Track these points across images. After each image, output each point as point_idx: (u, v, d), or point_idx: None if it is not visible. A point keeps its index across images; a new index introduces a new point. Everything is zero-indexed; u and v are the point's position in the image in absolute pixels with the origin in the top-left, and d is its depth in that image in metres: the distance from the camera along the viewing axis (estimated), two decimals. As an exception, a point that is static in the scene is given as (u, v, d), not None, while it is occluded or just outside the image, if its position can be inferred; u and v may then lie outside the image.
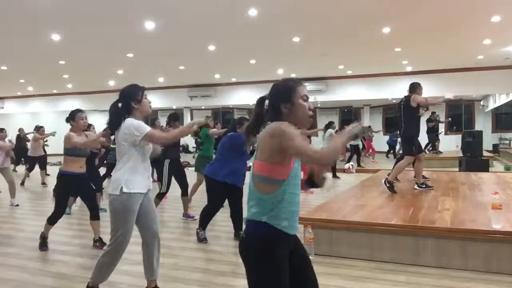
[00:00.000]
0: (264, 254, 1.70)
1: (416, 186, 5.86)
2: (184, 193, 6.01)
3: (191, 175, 6.95)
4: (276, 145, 1.63)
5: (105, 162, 9.51)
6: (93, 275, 2.95)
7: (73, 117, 4.36)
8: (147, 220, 3.00)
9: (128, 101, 2.90)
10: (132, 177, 2.83)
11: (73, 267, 3.91)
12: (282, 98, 1.75)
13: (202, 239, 4.62)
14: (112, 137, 3.64)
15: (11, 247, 4.68)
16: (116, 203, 2.82)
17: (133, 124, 2.81)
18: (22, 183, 10.03)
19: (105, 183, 10.13)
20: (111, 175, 2.98)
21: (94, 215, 4.50)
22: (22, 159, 13.15)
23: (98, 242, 4.53)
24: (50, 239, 4.57)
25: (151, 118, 8.78)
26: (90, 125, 6.13)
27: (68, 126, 4.42)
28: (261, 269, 1.70)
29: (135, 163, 2.85)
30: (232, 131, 4.85)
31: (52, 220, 4.44)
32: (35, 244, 4.52)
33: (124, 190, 2.79)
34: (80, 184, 4.44)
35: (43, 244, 4.47)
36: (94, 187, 5.05)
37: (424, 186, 5.78)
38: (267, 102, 1.81)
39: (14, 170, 12.73)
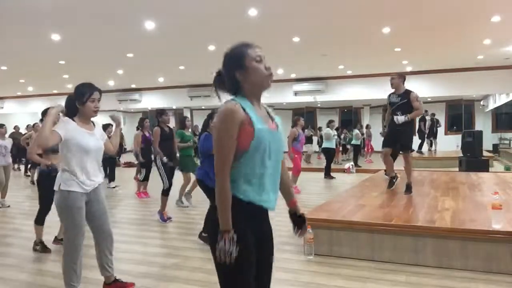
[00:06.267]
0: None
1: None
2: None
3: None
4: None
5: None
6: (64, 282, 2.96)
7: (45, 113, 4.41)
8: (98, 221, 3.03)
9: (74, 100, 2.92)
10: (70, 176, 2.84)
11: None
12: (235, 66, 1.68)
13: (202, 237, 4.56)
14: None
15: (11, 247, 4.68)
16: (57, 198, 2.87)
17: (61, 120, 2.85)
18: (33, 183, 10.01)
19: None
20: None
21: None
22: (17, 158, 13.23)
23: (62, 241, 4.55)
24: (49, 239, 4.55)
25: (140, 118, 8.86)
26: None
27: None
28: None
29: (71, 163, 2.84)
30: (203, 130, 4.66)
31: (38, 220, 4.41)
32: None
33: (62, 187, 2.83)
34: None
35: (43, 248, 4.42)
36: None
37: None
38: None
39: (17, 169, 12.80)
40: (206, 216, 4.66)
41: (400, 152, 5.65)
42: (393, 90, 5.48)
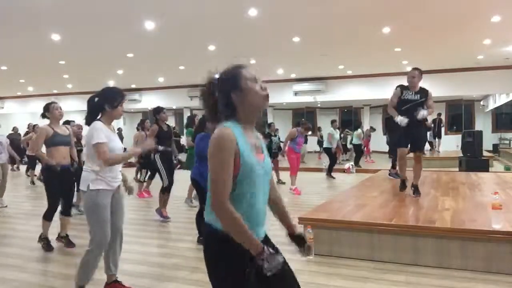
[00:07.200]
0: (223, 253, 1.59)
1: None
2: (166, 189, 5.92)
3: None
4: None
5: None
6: (77, 275, 2.99)
7: (48, 109, 4.46)
8: (115, 217, 3.09)
9: (103, 102, 2.99)
10: (97, 175, 2.93)
11: (73, 267, 3.89)
12: (230, 87, 1.62)
13: (201, 241, 4.57)
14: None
15: (11, 247, 4.68)
16: (85, 198, 2.96)
17: (94, 127, 2.92)
18: (33, 183, 10.03)
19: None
20: None
21: (66, 212, 4.56)
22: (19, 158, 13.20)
23: (64, 239, 4.55)
24: (49, 239, 4.55)
25: (141, 119, 8.81)
26: (69, 122, 6.22)
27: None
28: (220, 272, 1.61)
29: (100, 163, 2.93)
30: (200, 130, 4.55)
31: (48, 216, 4.43)
32: (36, 244, 4.52)
33: (91, 187, 2.91)
34: (64, 176, 4.40)
35: (47, 245, 4.44)
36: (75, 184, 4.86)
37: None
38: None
39: (15, 169, 12.75)
40: (197, 219, 4.62)
41: (413, 151, 5.39)
42: (402, 84, 5.31)
